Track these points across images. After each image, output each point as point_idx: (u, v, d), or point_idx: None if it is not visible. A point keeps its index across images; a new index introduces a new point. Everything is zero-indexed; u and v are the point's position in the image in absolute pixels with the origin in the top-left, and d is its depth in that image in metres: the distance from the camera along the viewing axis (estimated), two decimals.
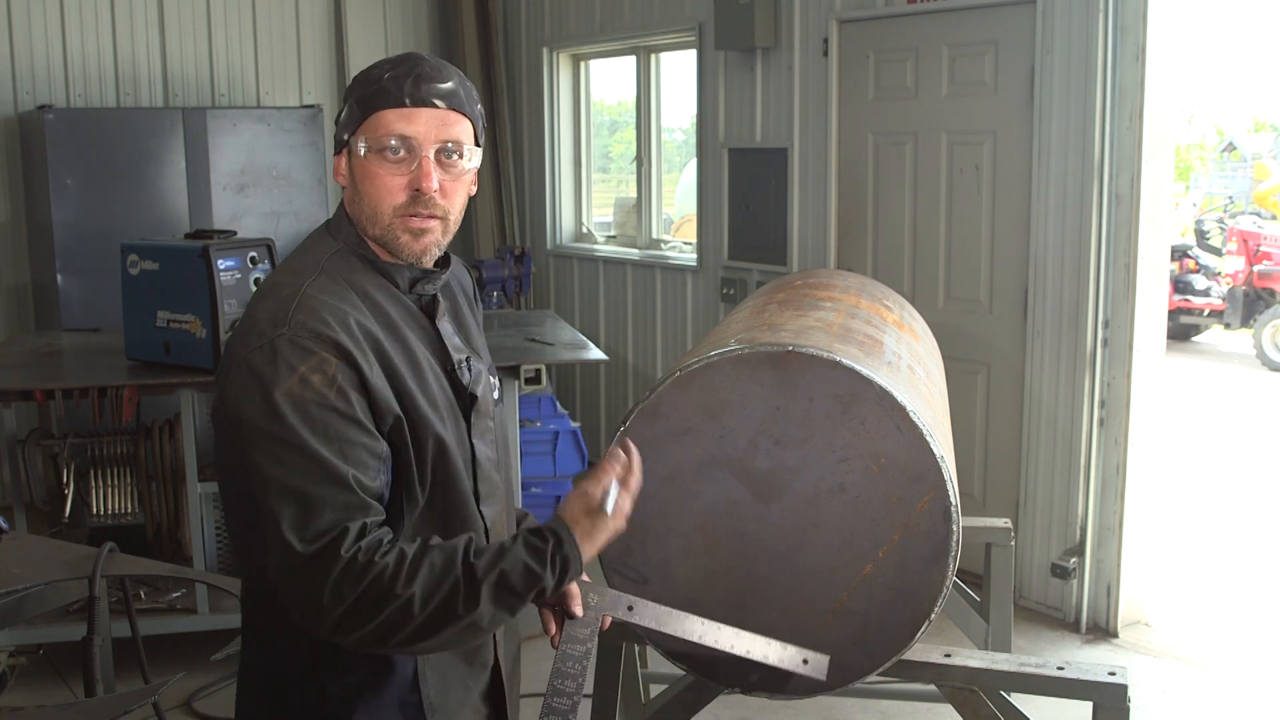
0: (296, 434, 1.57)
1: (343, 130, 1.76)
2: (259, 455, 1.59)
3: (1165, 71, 4.48)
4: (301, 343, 1.61)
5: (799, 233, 5.81)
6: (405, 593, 1.57)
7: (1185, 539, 6.05)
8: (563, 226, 7.56)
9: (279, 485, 1.57)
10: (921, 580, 2.25)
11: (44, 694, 3.93)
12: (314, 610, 1.57)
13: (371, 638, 1.59)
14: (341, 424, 1.60)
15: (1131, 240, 4.51)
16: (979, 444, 5.13)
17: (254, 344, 1.62)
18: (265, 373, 1.59)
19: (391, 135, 1.70)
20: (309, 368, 1.59)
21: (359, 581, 1.56)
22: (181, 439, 4.37)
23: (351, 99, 1.75)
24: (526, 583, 1.66)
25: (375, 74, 1.74)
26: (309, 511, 1.57)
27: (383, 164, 1.71)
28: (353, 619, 1.57)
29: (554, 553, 1.69)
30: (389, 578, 1.57)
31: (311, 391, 1.59)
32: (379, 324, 1.70)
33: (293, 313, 1.63)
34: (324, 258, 1.75)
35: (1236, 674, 4.48)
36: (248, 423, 1.60)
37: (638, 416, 2.30)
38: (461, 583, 1.61)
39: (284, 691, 1.77)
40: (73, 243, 5.81)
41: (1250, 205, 15.35)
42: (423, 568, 1.60)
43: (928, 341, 3.40)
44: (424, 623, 1.59)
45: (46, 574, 2.75)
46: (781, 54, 5.79)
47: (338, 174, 1.79)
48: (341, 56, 7.37)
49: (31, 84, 6.41)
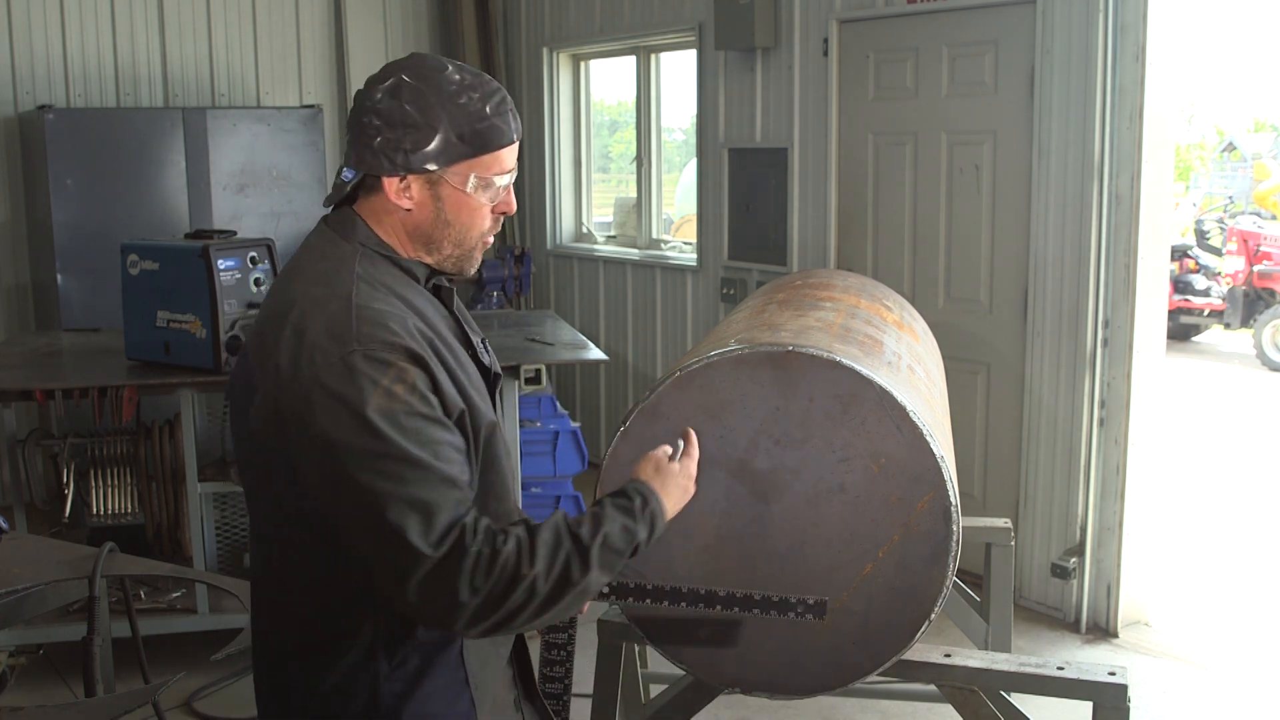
0: (399, 446, 1.59)
1: (431, 160, 1.74)
2: (365, 475, 1.59)
3: (1165, 71, 4.48)
4: (376, 355, 1.62)
5: (799, 233, 5.81)
6: (531, 573, 1.64)
7: (1185, 539, 6.05)
8: (563, 226, 7.56)
9: (395, 498, 1.59)
10: (921, 580, 2.25)
11: (44, 694, 3.93)
12: (452, 608, 1.61)
13: (503, 622, 1.64)
14: (431, 427, 1.64)
15: (1131, 240, 4.51)
16: (979, 444, 5.12)
17: (322, 364, 1.62)
18: (348, 392, 1.60)
19: (506, 173, 1.78)
20: (390, 379, 1.61)
21: (490, 572, 1.61)
22: (181, 439, 4.37)
23: (449, 131, 1.73)
24: (626, 541, 1.76)
25: (471, 107, 1.74)
26: (431, 516, 1.60)
27: (484, 195, 1.78)
28: (487, 608, 1.62)
29: (642, 508, 1.80)
30: (514, 563, 1.63)
31: (399, 402, 1.61)
32: (424, 322, 1.74)
33: (356, 326, 1.64)
34: (352, 264, 1.74)
35: (1236, 674, 4.48)
36: (342, 445, 1.59)
37: (638, 416, 2.30)
38: (573, 553, 1.69)
39: (337, 692, 1.77)
40: (73, 243, 5.81)
41: (1250, 205, 15.35)
42: (539, 546, 1.67)
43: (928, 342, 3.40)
44: (547, 597, 1.66)
45: (46, 574, 2.75)
46: (781, 54, 5.79)
47: (402, 197, 1.76)
48: (341, 56, 7.37)
49: (31, 84, 6.41)
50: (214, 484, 4.45)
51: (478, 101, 1.75)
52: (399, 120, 1.73)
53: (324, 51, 7.34)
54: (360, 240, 1.78)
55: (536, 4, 7.45)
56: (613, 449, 2.30)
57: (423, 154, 1.73)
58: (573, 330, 5.20)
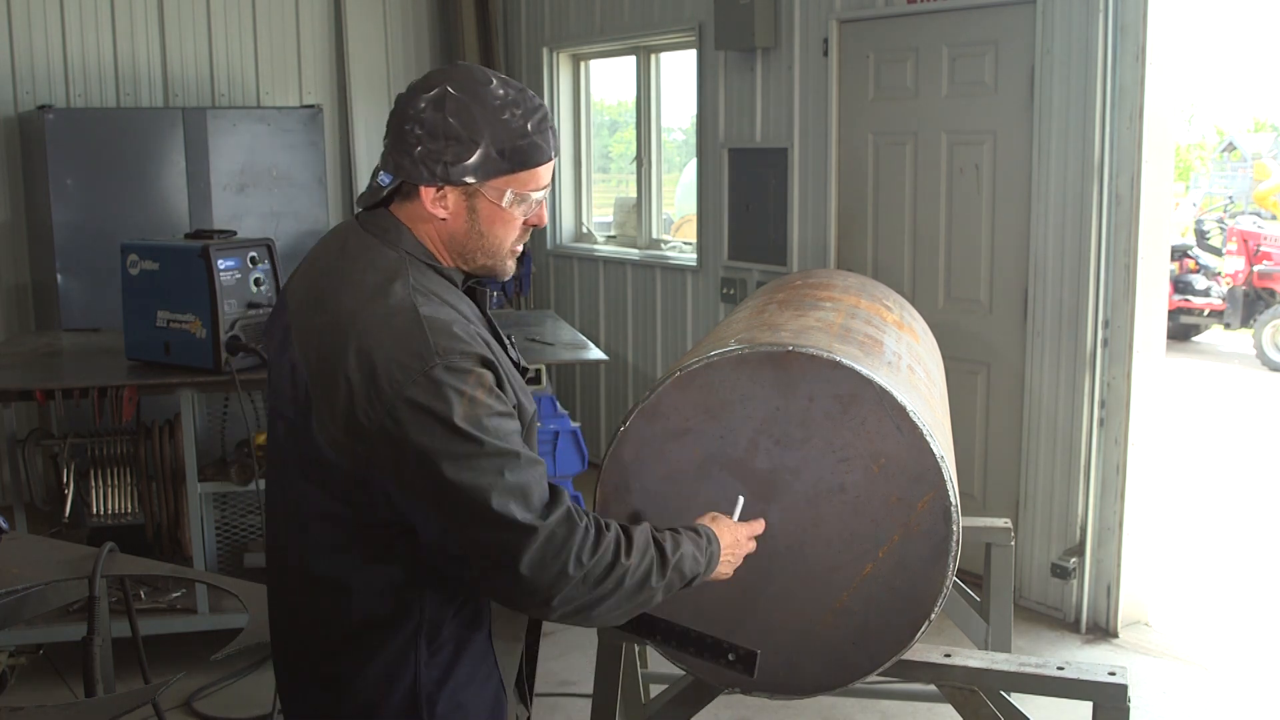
0: (489, 444, 1.67)
1: (470, 174, 1.78)
2: (464, 475, 1.66)
3: (1165, 71, 4.48)
4: (456, 365, 1.69)
5: (799, 233, 5.81)
6: (627, 562, 1.75)
7: (1185, 539, 6.05)
8: (563, 226, 7.56)
9: (495, 489, 1.66)
10: (921, 580, 2.25)
11: (44, 694, 3.93)
12: (560, 580, 1.68)
13: (587, 607, 1.73)
14: (509, 423, 1.73)
15: (1131, 240, 4.51)
16: (979, 444, 5.12)
17: (405, 380, 1.67)
18: (436, 406, 1.66)
19: (542, 189, 1.84)
20: (470, 386, 1.69)
21: (596, 549, 1.72)
22: (181, 439, 4.37)
23: (490, 147, 1.77)
24: (692, 568, 1.90)
25: (514, 124, 1.78)
26: (529, 495, 1.69)
27: (518, 210, 1.83)
28: (584, 586, 1.70)
29: (707, 545, 1.96)
30: (614, 549, 1.75)
31: (481, 407, 1.69)
32: (473, 320, 1.82)
33: (432, 340, 1.69)
34: (406, 275, 1.78)
35: (1236, 674, 4.48)
36: (439, 453, 1.66)
37: (638, 416, 2.30)
38: (656, 560, 1.81)
39: (383, 679, 1.83)
40: (73, 243, 5.81)
41: (1250, 205, 15.35)
42: (635, 541, 1.79)
43: (928, 341, 3.40)
44: (628, 593, 1.76)
45: (46, 574, 2.75)
46: (781, 54, 5.79)
47: (437, 206, 1.80)
48: (341, 56, 7.37)
49: (31, 84, 6.41)
50: (214, 484, 4.45)
51: (520, 118, 1.78)
52: (441, 132, 1.76)
53: (324, 51, 7.34)
54: (406, 249, 1.82)
55: (536, 4, 7.45)
56: (613, 449, 2.30)
57: (462, 167, 1.77)
58: (573, 330, 5.20)
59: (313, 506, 1.81)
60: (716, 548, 1.98)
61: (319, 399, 1.73)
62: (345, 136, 7.40)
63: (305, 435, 1.76)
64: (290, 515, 1.87)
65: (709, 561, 1.95)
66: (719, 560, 1.99)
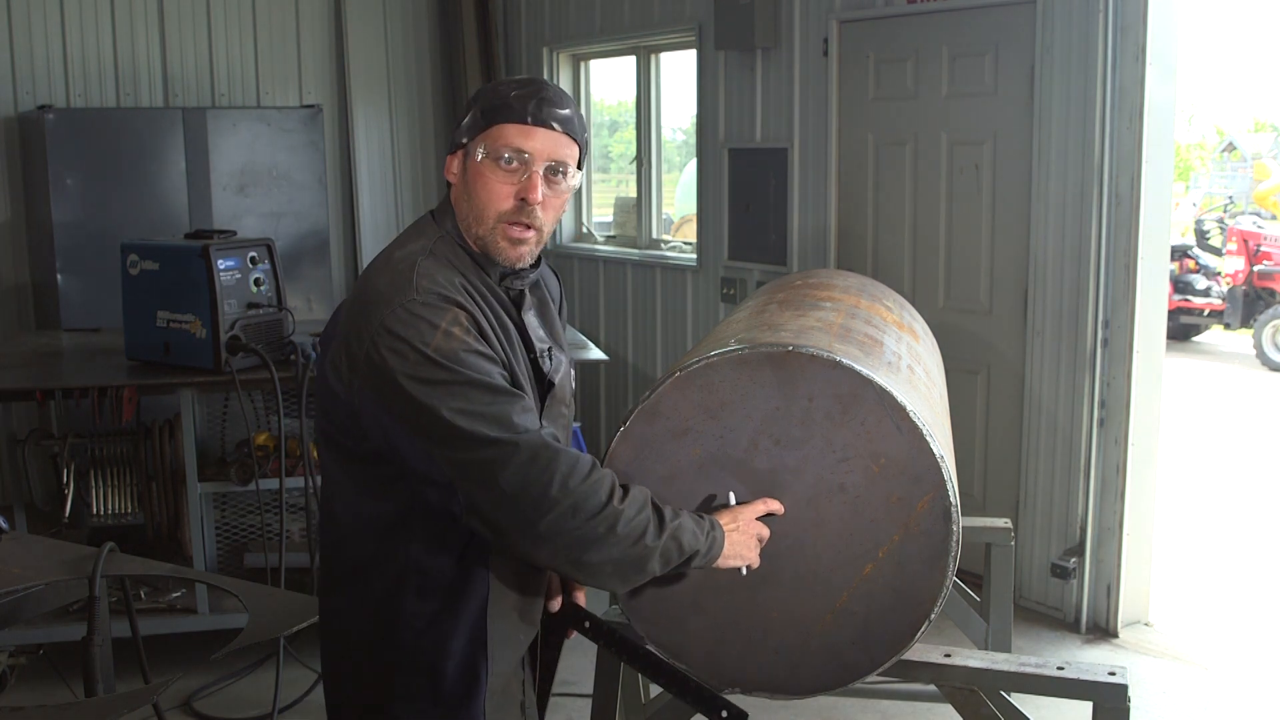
0: (461, 373, 1.77)
1: (463, 134, 1.95)
2: (436, 400, 1.75)
3: (1165, 71, 4.48)
4: (432, 303, 1.81)
5: (799, 233, 5.81)
6: (620, 506, 1.81)
7: (1185, 539, 6.05)
8: (562, 226, 7.56)
9: (470, 414, 1.75)
10: (921, 580, 2.25)
11: (44, 694, 3.93)
12: (542, 501, 1.74)
13: (577, 545, 1.77)
14: (487, 363, 1.82)
15: (1131, 240, 4.51)
16: (979, 444, 5.12)
17: (386, 312, 1.80)
18: (410, 334, 1.78)
19: (509, 148, 1.90)
20: (447, 322, 1.80)
21: (586, 478, 1.78)
22: (181, 439, 4.36)
23: (476, 108, 1.94)
24: (691, 542, 1.94)
25: (503, 90, 1.93)
26: (507, 418, 1.77)
27: (495, 171, 1.90)
28: (571, 519, 1.75)
29: (709, 530, 2.00)
30: (607, 488, 1.81)
31: (457, 341, 1.79)
32: (481, 301, 1.91)
33: (415, 280, 1.84)
34: (432, 242, 1.94)
35: (1236, 674, 4.48)
36: (413, 378, 1.76)
37: (638, 416, 2.30)
38: (653, 518, 1.86)
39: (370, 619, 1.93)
40: (73, 243, 5.81)
41: (1250, 205, 15.34)
42: (631, 492, 1.85)
43: (928, 342, 3.40)
44: (623, 539, 1.81)
45: (46, 574, 2.75)
46: (781, 54, 5.79)
47: (449, 171, 1.97)
48: (341, 56, 7.37)
49: (31, 84, 6.41)
50: (214, 484, 4.45)
51: (508, 87, 1.93)
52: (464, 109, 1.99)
53: (324, 51, 7.34)
54: (447, 228, 1.97)
55: (536, 4, 7.45)
56: (613, 449, 2.29)
57: (460, 129, 1.96)
58: (573, 330, 5.20)
59: (320, 436, 1.96)
60: (719, 534, 2.01)
61: (333, 333, 1.91)
62: (345, 136, 7.40)
63: (323, 368, 1.93)
64: (320, 452, 2.02)
65: (710, 545, 1.99)
66: (722, 546, 2.02)
